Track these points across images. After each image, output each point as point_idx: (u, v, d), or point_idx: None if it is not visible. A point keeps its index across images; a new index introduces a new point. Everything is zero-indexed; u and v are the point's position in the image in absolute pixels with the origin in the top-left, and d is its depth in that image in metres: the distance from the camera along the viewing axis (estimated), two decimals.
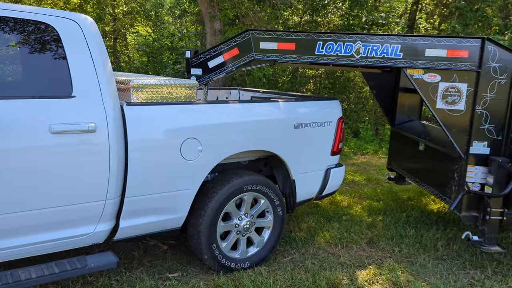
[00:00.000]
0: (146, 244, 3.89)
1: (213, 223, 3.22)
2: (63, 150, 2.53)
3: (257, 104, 3.49)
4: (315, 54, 3.58)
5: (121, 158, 2.75)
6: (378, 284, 3.30)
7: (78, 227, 2.70)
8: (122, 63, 12.29)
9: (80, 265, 2.62)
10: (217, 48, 3.82)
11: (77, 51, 2.61)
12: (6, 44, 2.53)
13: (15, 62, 2.58)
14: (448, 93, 3.46)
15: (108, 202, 2.75)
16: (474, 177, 3.52)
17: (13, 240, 2.49)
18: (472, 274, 3.52)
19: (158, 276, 3.31)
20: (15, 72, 2.60)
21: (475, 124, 3.45)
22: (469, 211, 3.58)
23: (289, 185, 3.74)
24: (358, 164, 7.55)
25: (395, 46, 3.45)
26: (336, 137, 3.85)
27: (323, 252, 3.87)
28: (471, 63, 3.38)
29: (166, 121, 2.93)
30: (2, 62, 2.57)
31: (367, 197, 5.51)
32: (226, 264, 3.34)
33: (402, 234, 4.25)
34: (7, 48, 2.54)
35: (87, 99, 2.62)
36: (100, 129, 2.63)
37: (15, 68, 2.59)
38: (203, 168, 3.12)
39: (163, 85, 3.05)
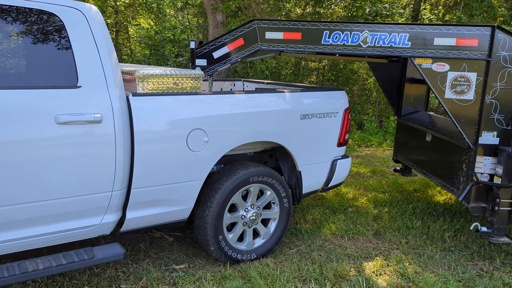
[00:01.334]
0: (152, 236, 3.87)
1: (220, 214, 3.20)
2: (69, 141, 2.50)
3: (263, 94, 3.44)
4: (321, 43, 3.54)
5: (127, 149, 2.72)
6: (385, 275, 3.28)
7: (85, 218, 2.68)
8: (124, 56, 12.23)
9: (87, 256, 2.61)
10: (222, 38, 3.78)
11: (82, 40, 2.57)
12: (11, 34, 2.49)
13: (20, 52, 2.54)
14: (457, 83, 3.41)
15: (114, 193, 2.72)
16: (483, 167, 3.48)
17: (20, 231, 2.47)
18: (481, 266, 3.49)
19: (164, 268, 3.29)
20: (20, 62, 2.56)
21: (484, 114, 3.41)
22: (477, 202, 3.55)
23: (295, 176, 3.71)
24: (362, 156, 7.51)
25: (403, 35, 3.40)
26: (343, 128, 3.81)
27: (329, 243, 3.85)
28: (480, 52, 3.33)
29: (172, 112, 2.90)
30: (8, 52, 2.53)
31: (373, 189, 5.48)
32: (233, 256, 3.32)
33: (409, 226, 4.22)
34: (12, 38, 2.50)
35: (92, 90, 2.59)
36: (106, 120, 2.60)
37: (20, 58, 2.56)
38: (209, 159, 3.09)
39: (168, 76, 3.01)
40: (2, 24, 2.42)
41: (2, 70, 2.47)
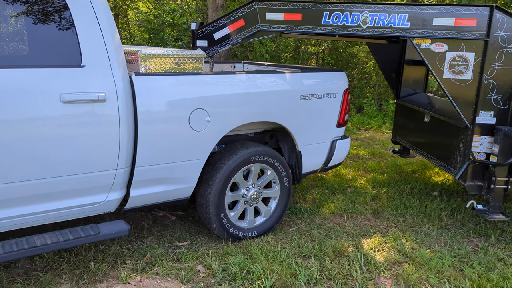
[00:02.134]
0: (155, 215, 3.95)
1: (221, 193, 3.27)
2: (74, 119, 2.55)
3: (263, 75, 3.48)
4: (321, 24, 3.56)
5: (130, 127, 2.77)
6: (383, 251, 3.37)
7: (90, 196, 2.75)
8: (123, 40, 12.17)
9: (93, 232, 2.68)
10: (223, 19, 3.80)
11: (85, 21, 2.61)
12: (17, 14, 2.52)
13: (26, 32, 2.57)
14: (455, 63, 3.45)
15: (119, 171, 2.79)
16: (479, 146, 3.55)
17: (29, 207, 2.54)
18: (476, 242, 3.58)
19: (168, 245, 3.38)
20: (27, 42, 2.59)
21: (481, 93, 3.46)
22: (474, 181, 3.62)
23: (295, 156, 3.77)
24: (362, 139, 7.57)
25: (403, 16, 3.43)
26: (342, 109, 3.86)
27: (328, 222, 3.93)
28: (479, 32, 3.36)
29: (174, 92, 2.94)
30: (15, 32, 2.57)
31: (371, 170, 5.56)
32: (234, 233, 3.40)
33: (407, 205, 4.31)
34: (18, 18, 2.53)
35: (96, 69, 2.63)
36: (109, 99, 2.65)
37: (26, 39, 2.59)
38: (211, 138, 3.14)
39: (170, 56, 3.05)
40: (8, 5, 2.45)
41: (9, 49, 2.50)
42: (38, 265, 3.01)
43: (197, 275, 2.95)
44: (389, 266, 3.14)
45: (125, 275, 2.89)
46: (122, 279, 2.85)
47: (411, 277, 2.96)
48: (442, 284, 2.92)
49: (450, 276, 2.99)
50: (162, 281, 2.87)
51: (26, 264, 3.02)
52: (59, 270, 2.95)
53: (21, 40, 2.60)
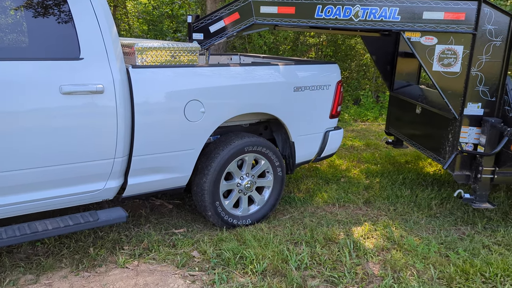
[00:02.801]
0: (152, 203, 4.07)
1: (216, 181, 3.38)
2: (73, 110, 2.65)
3: (257, 67, 3.57)
4: (314, 17, 3.65)
5: (127, 118, 2.87)
6: (373, 238, 3.48)
7: (89, 183, 2.86)
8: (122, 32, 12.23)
9: (92, 219, 2.80)
10: (218, 12, 3.88)
11: (83, 14, 2.70)
12: (16, 7, 2.61)
13: (27, 25, 2.66)
14: (444, 56, 3.54)
15: (116, 160, 2.89)
16: (467, 137, 3.65)
17: (30, 194, 2.65)
18: (463, 230, 3.70)
19: (165, 232, 3.50)
20: (27, 35, 2.69)
21: (470, 85, 3.56)
22: (462, 170, 3.73)
23: (289, 147, 3.87)
24: (358, 130, 7.68)
25: (393, 9, 3.51)
26: (335, 100, 3.96)
27: (321, 211, 4.05)
28: (467, 26, 3.45)
29: (170, 83, 3.04)
30: (15, 25, 2.66)
31: (365, 161, 5.67)
32: (229, 221, 3.52)
33: (398, 195, 4.42)
34: (17, 11, 2.62)
35: (94, 61, 2.72)
36: (107, 91, 2.75)
37: (27, 31, 2.68)
38: (206, 129, 3.25)
39: (166, 49, 3.14)
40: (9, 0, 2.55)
41: (10, 42, 2.60)
42: (40, 250, 3.13)
43: (192, 260, 3.07)
44: (377, 252, 3.26)
45: (123, 260, 3.01)
46: (120, 263, 2.97)
47: (398, 263, 3.08)
48: (427, 269, 3.04)
49: (435, 262, 3.11)
50: (158, 266, 2.99)
51: (28, 249, 3.14)
52: (59, 255, 3.07)
53: (21, 33, 2.69)
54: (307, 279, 2.88)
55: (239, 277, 2.87)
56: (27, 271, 2.86)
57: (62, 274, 2.83)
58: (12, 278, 2.76)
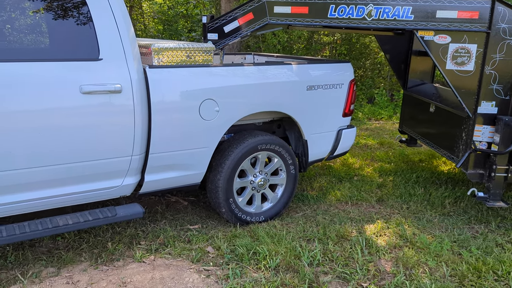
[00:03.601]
0: (168, 200, 4.16)
1: (230, 179, 3.45)
2: (92, 109, 2.74)
3: (270, 67, 3.62)
4: (327, 17, 3.68)
5: (144, 117, 2.96)
6: (385, 236, 3.51)
7: (107, 180, 2.95)
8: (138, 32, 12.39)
9: (110, 214, 2.89)
10: (232, 13, 3.94)
11: (102, 16, 2.78)
12: (40, 10, 2.71)
13: (49, 27, 2.77)
14: (458, 54, 3.55)
15: (134, 157, 2.98)
16: (481, 136, 3.65)
17: (52, 190, 2.75)
18: (477, 228, 3.70)
19: (180, 228, 3.58)
20: (49, 37, 2.79)
21: (483, 84, 3.55)
22: (475, 169, 3.73)
23: (302, 145, 3.92)
24: (371, 129, 7.67)
25: (407, 8, 3.53)
26: (348, 99, 3.99)
27: (333, 208, 4.09)
28: (481, 24, 3.45)
29: (185, 83, 3.12)
30: (37, 27, 2.77)
31: (379, 159, 5.68)
32: (242, 217, 3.58)
33: (411, 193, 4.43)
34: (41, 14, 2.72)
35: (112, 62, 2.81)
36: (125, 90, 2.84)
37: (49, 33, 2.79)
38: (220, 127, 3.31)
39: (182, 49, 3.22)
40: (30, 1, 2.65)
41: (33, 44, 2.71)
42: (60, 245, 3.24)
43: (207, 256, 3.14)
44: (389, 249, 3.29)
45: (140, 254, 3.09)
46: (137, 258, 3.06)
47: (410, 260, 3.10)
48: (439, 266, 3.06)
49: (448, 260, 3.12)
50: (174, 260, 3.07)
51: (49, 243, 3.25)
52: (79, 249, 3.17)
53: (42, 35, 2.80)
54: (319, 275, 2.93)
55: (253, 272, 2.93)
56: (49, 264, 2.97)
57: (82, 268, 2.93)
58: (35, 271, 2.88)
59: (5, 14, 2.64)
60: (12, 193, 2.64)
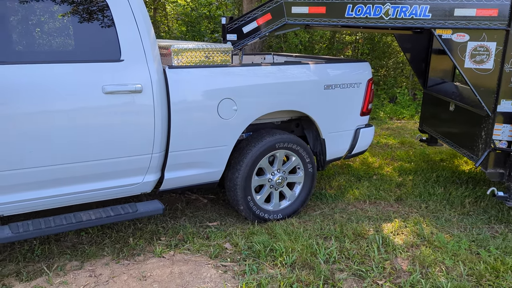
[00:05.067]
0: (188, 198, 4.26)
1: (248, 177, 3.51)
2: (114, 108, 2.86)
3: (288, 66, 3.67)
4: (345, 17, 3.71)
5: (164, 116, 3.05)
6: (402, 235, 3.51)
7: (128, 177, 3.06)
8: (162, 33, 12.61)
9: (131, 210, 3.00)
10: (251, 14, 4.01)
11: (124, 19, 2.89)
12: (64, 14, 2.84)
13: (72, 30, 2.89)
14: (476, 52, 3.52)
15: (154, 155, 3.08)
16: (501, 135, 3.61)
17: (75, 186, 2.88)
18: (496, 228, 3.66)
19: (199, 224, 3.67)
20: (72, 39, 2.92)
21: (503, 82, 3.51)
22: (495, 168, 3.69)
23: (320, 144, 3.95)
24: (393, 128, 7.61)
25: (424, 7, 3.52)
26: (366, 98, 4.00)
27: (351, 207, 4.10)
28: (500, 22, 3.41)
29: (204, 83, 3.20)
30: (61, 31, 2.90)
31: (399, 158, 5.65)
32: (260, 215, 3.64)
33: (431, 192, 4.40)
34: (65, 18, 2.85)
35: (133, 63, 2.92)
36: (145, 90, 2.94)
37: (72, 36, 2.91)
38: (238, 126, 3.38)
39: (200, 49, 3.30)
40: (57, 5, 2.78)
41: (59, 46, 2.84)
42: (84, 239, 3.37)
43: (225, 252, 3.22)
44: (406, 248, 3.29)
45: (160, 250, 3.19)
46: (158, 253, 3.16)
47: (427, 259, 3.10)
48: (456, 265, 3.04)
49: (465, 259, 3.11)
50: (193, 256, 3.15)
51: (73, 238, 3.39)
52: (102, 244, 3.30)
53: (68, 37, 2.92)
54: (335, 272, 2.96)
55: (269, 269, 2.99)
56: (73, 258, 3.10)
57: (104, 262, 3.05)
58: (60, 264, 3.01)
59: (34, 17, 2.78)
60: (41, 189, 2.77)
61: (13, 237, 2.64)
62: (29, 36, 2.81)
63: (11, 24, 2.71)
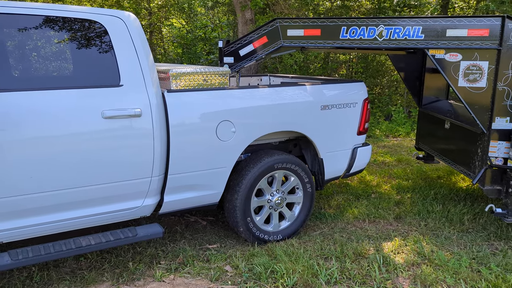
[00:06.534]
0: (187, 220, 4.24)
1: (247, 198, 3.52)
2: (114, 133, 2.88)
3: (284, 88, 3.72)
4: (339, 38, 3.78)
5: (163, 139, 3.07)
6: (402, 253, 3.51)
7: (128, 201, 3.06)
8: (158, 56, 12.74)
9: (131, 234, 2.99)
10: (247, 37, 4.08)
11: (123, 45, 2.94)
12: (64, 40, 2.89)
13: (71, 57, 2.94)
14: (469, 71, 3.58)
15: (153, 179, 3.09)
16: (497, 152, 3.64)
17: (75, 212, 2.87)
18: (496, 245, 3.66)
19: (199, 247, 3.65)
20: (72, 65, 2.96)
21: (497, 100, 3.57)
22: (492, 185, 3.71)
23: (318, 163, 3.98)
24: (389, 146, 7.66)
25: (417, 28, 3.60)
26: (362, 118, 4.04)
27: (351, 226, 4.10)
28: (492, 41, 3.49)
29: (202, 106, 3.23)
30: (62, 57, 2.94)
31: (397, 176, 5.67)
32: (260, 236, 3.64)
33: (429, 210, 4.41)
34: (65, 44, 2.90)
35: (132, 88, 2.95)
36: (144, 114, 2.97)
37: (72, 62, 2.96)
38: (237, 147, 3.41)
39: (198, 73, 3.35)
40: (57, 33, 2.82)
41: (59, 73, 2.87)
42: (83, 265, 3.35)
43: (225, 274, 3.20)
44: (407, 267, 3.29)
45: (160, 274, 3.17)
46: (157, 277, 3.14)
47: (428, 278, 3.10)
48: (458, 284, 3.04)
49: (467, 277, 3.10)
50: (193, 280, 3.13)
51: (72, 264, 3.36)
52: (101, 269, 3.27)
53: (70, 64, 2.97)
54: None
55: None
56: (72, 284, 3.07)
57: (104, 287, 3.02)
58: None
59: (32, 43, 2.82)
60: (41, 215, 2.77)
61: (13, 264, 2.62)
62: (30, 63, 2.84)
63: (12, 52, 2.75)
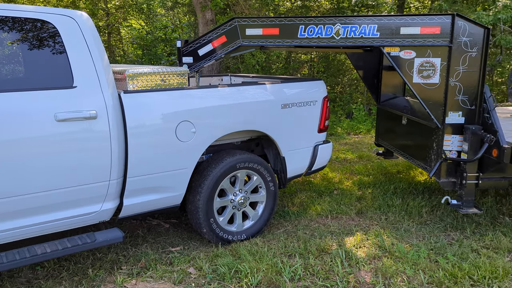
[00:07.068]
0: (149, 223, 4.16)
1: (210, 199, 3.49)
2: (68, 136, 2.78)
3: (245, 87, 3.72)
4: (297, 37, 3.81)
5: (121, 141, 3.00)
6: (364, 248, 3.57)
7: (86, 206, 2.97)
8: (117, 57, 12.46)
9: (89, 240, 2.90)
10: (206, 36, 4.05)
11: (75, 45, 2.85)
12: (13, 41, 2.76)
13: (22, 58, 2.81)
14: (423, 68, 3.69)
15: (111, 182, 3.01)
16: (450, 145, 3.78)
17: (30, 219, 2.75)
18: (452, 236, 3.79)
19: (161, 250, 3.59)
20: (22, 67, 2.83)
21: (449, 95, 3.70)
22: (447, 178, 3.85)
23: (280, 162, 3.99)
24: (350, 143, 7.81)
25: (372, 26, 3.67)
26: (322, 115, 4.09)
27: (314, 223, 4.14)
28: (443, 39, 3.61)
29: (161, 106, 3.17)
30: (11, 58, 2.81)
31: (358, 172, 5.78)
32: (224, 237, 3.61)
33: (389, 204, 4.52)
34: (14, 45, 2.77)
35: (87, 89, 2.86)
36: (100, 116, 2.88)
37: (22, 64, 2.83)
38: (198, 148, 3.37)
39: (156, 73, 3.29)
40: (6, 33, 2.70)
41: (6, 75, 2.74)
42: (40, 274, 3.21)
43: (189, 277, 3.15)
44: (369, 260, 3.35)
45: (121, 279, 3.09)
46: (119, 283, 3.05)
47: (389, 270, 3.17)
48: (417, 274, 3.12)
49: (425, 267, 3.19)
50: (156, 284, 3.07)
51: (28, 273, 3.22)
52: (59, 278, 3.15)
53: (19, 65, 2.84)
54: None
55: None
56: None
57: None
58: None
59: None
60: None
61: None
62: None
63: None
